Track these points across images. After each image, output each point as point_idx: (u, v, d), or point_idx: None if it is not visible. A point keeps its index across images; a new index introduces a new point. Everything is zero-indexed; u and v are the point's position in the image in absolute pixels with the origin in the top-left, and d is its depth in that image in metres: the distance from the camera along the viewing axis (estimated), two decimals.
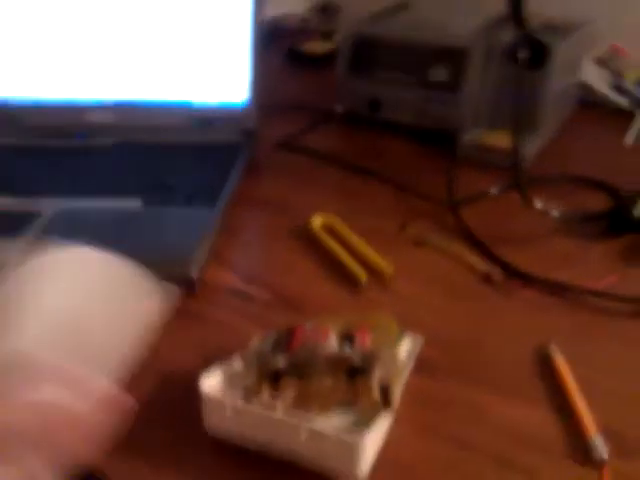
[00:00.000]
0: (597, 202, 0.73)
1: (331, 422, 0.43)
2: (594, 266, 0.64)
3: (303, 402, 0.43)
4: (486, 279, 0.62)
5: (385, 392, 0.42)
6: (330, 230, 0.68)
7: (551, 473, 0.44)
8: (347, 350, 0.46)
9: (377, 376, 0.43)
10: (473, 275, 0.63)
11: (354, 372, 0.43)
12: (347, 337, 0.47)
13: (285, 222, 0.71)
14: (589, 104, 0.98)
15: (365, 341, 0.47)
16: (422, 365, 0.51)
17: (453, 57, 0.85)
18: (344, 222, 0.69)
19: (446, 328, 0.56)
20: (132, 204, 0.68)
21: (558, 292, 0.60)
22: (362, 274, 0.61)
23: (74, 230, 0.64)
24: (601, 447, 0.44)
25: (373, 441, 0.42)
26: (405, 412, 0.46)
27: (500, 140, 0.81)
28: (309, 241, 0.68)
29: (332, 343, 0.46)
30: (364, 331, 0.48)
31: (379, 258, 0.63)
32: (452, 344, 0.54)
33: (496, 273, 0.62)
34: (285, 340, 0.47)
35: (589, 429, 0.46)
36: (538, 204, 0.69)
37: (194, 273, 0.59)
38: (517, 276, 0.62)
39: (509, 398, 0.49)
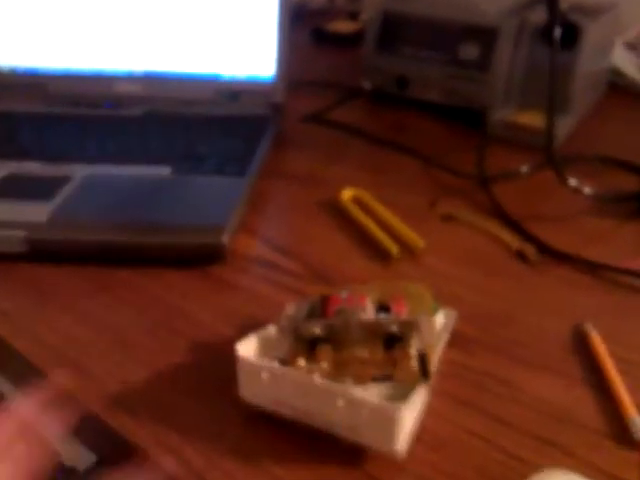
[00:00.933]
0: (629, 183, 0.72)
1: (368, 392, 0.42)
2: (627, 246, 0.63)
3: (339, 370, 0.43)
4: (519, 256, 0.61)
5: (423, 361, 0.42)
6: (360, 203, 0.68)
7: (589, 452, 0.43)
8: (384, 317, 0.45)
9: (415, 345, 0.42)
10: (506, 252, 0.62)
11: (392, 340, 0.42)
12: (382, 307, 0.47)
13: (313, 195, 0.70)
14: (619, 88, 0.97)
15: (401, 310, 0.46)
16: (456, 340, 0.50)
17: (484, 35, 0.84)
18: (373, 196, 0.68)
19: (479, 304, 0.55)
20: (161, 172, 0.67)
21: (592, 270, 0.59)
22: (393, 247, 0.60)
23: (104, 195, 0.63)
24: None
25: (412, 412, 0.42)
26: (442, 386, 0.46)
27: (531, 119, 0.80)
28: (338, 214, 0.67)
29: (369, 310, 0.45)
30: (399, 301, 0.47)
31: (410, 231, 0.62)
32: (486, 320, 0.54)
33: (530, 250, 0.61)
34: (320, 307, 0.47)
35: (628, 409, 0.45)
36: (572, 182, 0.68)
37: (225, 240, 0.58)
38: (550, 253, 0.61)
39: (545, 375, 0.49)
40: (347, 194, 0.69)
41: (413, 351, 0.42)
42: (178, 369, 0.49)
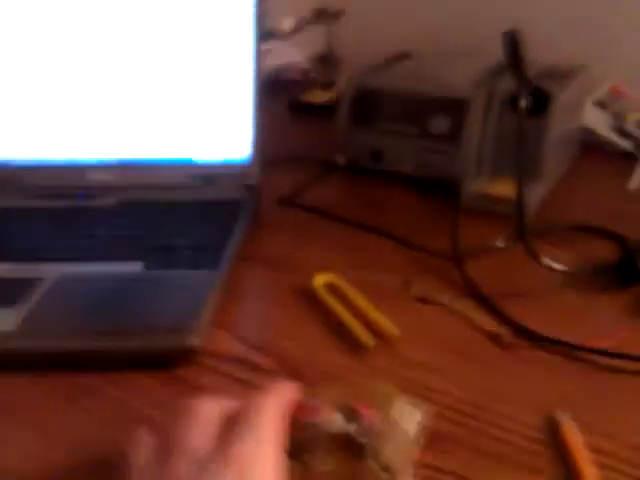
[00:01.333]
0: (604, 251, 0.72)
1: None
2: (604, 321, 0.63)
3: None
4: (495, 340, 0.60)
5: (393, 475, 0.41)
6: (333, 289, 0.67)
7: None
8: (351, 428, 0.44)
9: (384, 456, 0.41)
10: (481, 336, 0.61)
11: (359, 452, 0.42)
12: (350, 412, 0.46)
13: (289, 280, 0.70)
14: (592, 147, 0.97)
15: (370, 417, 0.45)
16: (430, 437, 0.49)
17: (454, 108, 0.85)
18: (348, 279, 0.68)
19: (453, 395, 0.54)
20: (133, 268, 0.67)
21: (569, 352, 0.58)
22: (369, 339, 0.60)
23: (73, 299, 0.63)
24: None
25: None
26: None
27: (503, 189, 0.80)
28: (313, 300, 0.66)
29: (335, 420, 0.44)
30: (369, 405, 0.46)
31: (384, 319, 0.62)
32: (459, 413, 0.53)
33: (505, 333, 0.60)
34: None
35: None
36: (544, 258, 0.68)
37: (194, 343, 0.57)
38: (526, 335, 0.60)
39: (519, 473, 0.47)
40: (321, 281, 0.68)
41: (381, 464, 0.41)
42: None
